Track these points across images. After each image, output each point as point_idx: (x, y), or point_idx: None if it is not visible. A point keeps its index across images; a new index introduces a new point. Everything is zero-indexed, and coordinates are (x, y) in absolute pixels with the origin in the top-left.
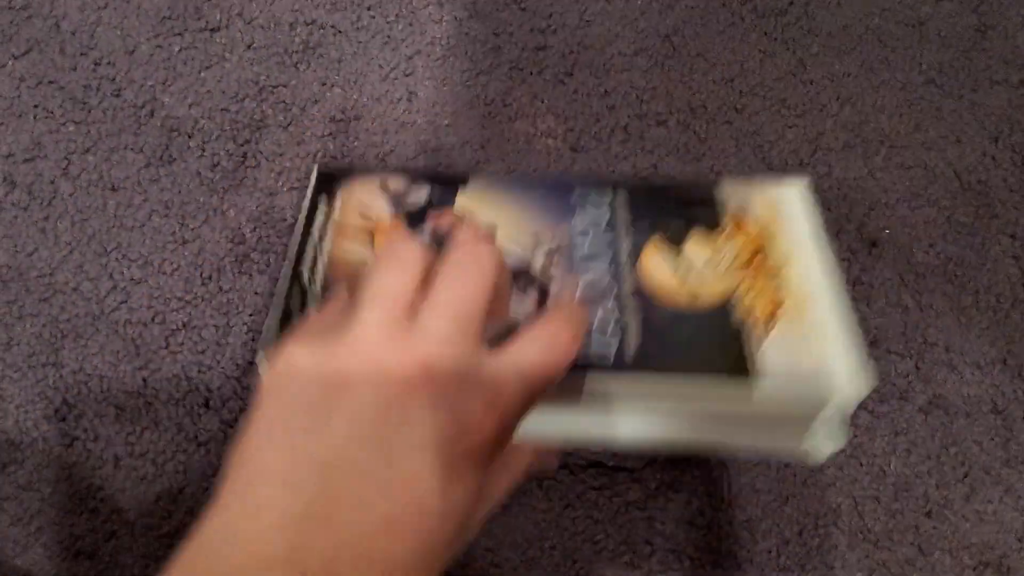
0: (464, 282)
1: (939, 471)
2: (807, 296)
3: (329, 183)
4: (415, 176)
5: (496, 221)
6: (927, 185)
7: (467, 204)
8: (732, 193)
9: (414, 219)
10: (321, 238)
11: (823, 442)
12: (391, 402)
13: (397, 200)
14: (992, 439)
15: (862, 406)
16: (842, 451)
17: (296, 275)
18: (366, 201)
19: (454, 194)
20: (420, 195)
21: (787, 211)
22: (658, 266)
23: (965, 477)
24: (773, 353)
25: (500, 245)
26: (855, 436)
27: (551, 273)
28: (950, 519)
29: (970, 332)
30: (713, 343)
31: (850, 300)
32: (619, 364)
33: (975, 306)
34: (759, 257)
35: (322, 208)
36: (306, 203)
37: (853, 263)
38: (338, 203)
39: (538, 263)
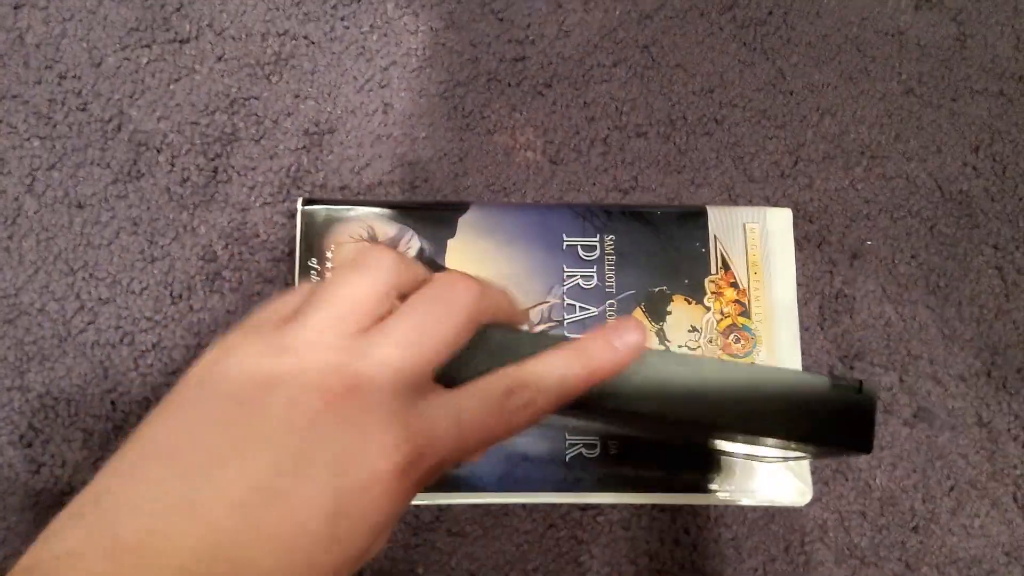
0: (430, 314)
1: (925, 485)
2: None
3: (314, 235)
4: (403, 212)
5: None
6: (908, 196)
7: (456, 264)
8: (717, 223)
9: None
10: None
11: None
12: (308, 415)
13: None
14: (977, 452)
15: None
16: (827, 467)
17: None
18: None
19: (444, 249)
20: (411, 248)
21: (772, 246)
22: None
23: (951, 491)
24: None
25: (482, 285)
26: None
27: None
28: (936, 534)
29: (954, 344)
30: (691, 458)
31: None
32: (603, 458)
33: (958, 317)
34: (736, 333)
35: (314, 279)
36: (296, 269)
37: (835, 275)
38: (328, 264)
39: None
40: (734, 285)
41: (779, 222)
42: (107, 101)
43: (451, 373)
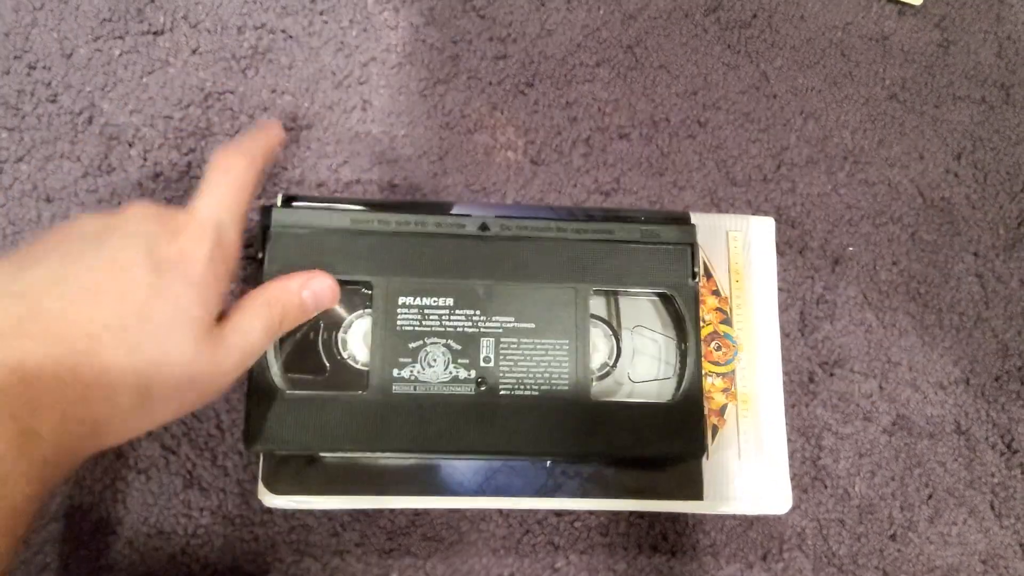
0: (218, 183)
1: (903, 493)
2: (754, 394)
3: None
4: (385, 212)
5: None
6: (890, 202)
7: None
8: (700, 230)
9: None
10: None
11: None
12: (140, 264)
13: None
14: (956, 460)
15: (826, 428)
16: (807, 474)
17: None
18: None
19: None
20: None
21: (755, 255)
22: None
23: (929, 499)
24: (718, 460)
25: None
26: (819, 458)
27: None
28: (914, 542)
29: (933, 351)
30: (673, 467)
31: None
32: (584, 463)
33: (938, 324)
34: (718, 341)
35: None
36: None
37: (816, 281)
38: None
39: None
40: (716, 293)
41: (761, 231)
42: (78, 93)
43: None
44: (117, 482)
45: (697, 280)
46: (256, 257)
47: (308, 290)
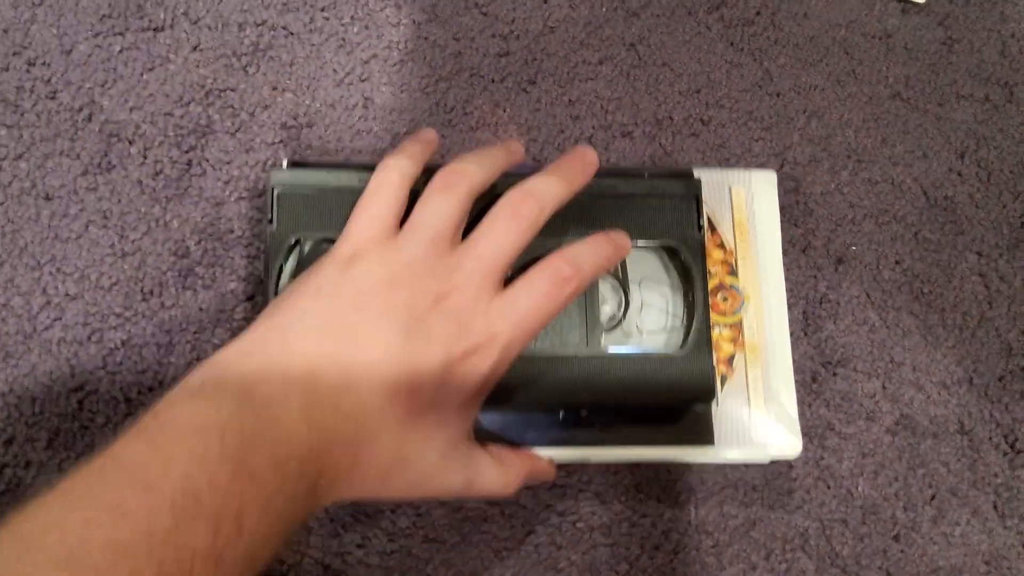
0: (506, 231)
1: (906, 493)
2: (762, 342)
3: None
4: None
5: None
6: (894, 201)
7: None
8: (704, 185)
9: None
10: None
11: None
12: (421, 308)
13: None
14: (959, 460)
15: (829, 427)
16: (809, 474)
17: None
18: None
19: None
20: None
21: (758, 207)
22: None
23: (932, 499)
24: (727, 408)
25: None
26: (822, 458)
27: None
28: (918, 542)
29: (936, 351)
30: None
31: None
32: (595, 415)
33: (942, 324)
34: (724, 292)
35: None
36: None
37: (819, 280)
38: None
39: None
40: (721, 246)
41: (764, 184)
42: (78, 90)
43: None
44: None
45: (702, 232)
46: (268, 220)
47: (518, 482)
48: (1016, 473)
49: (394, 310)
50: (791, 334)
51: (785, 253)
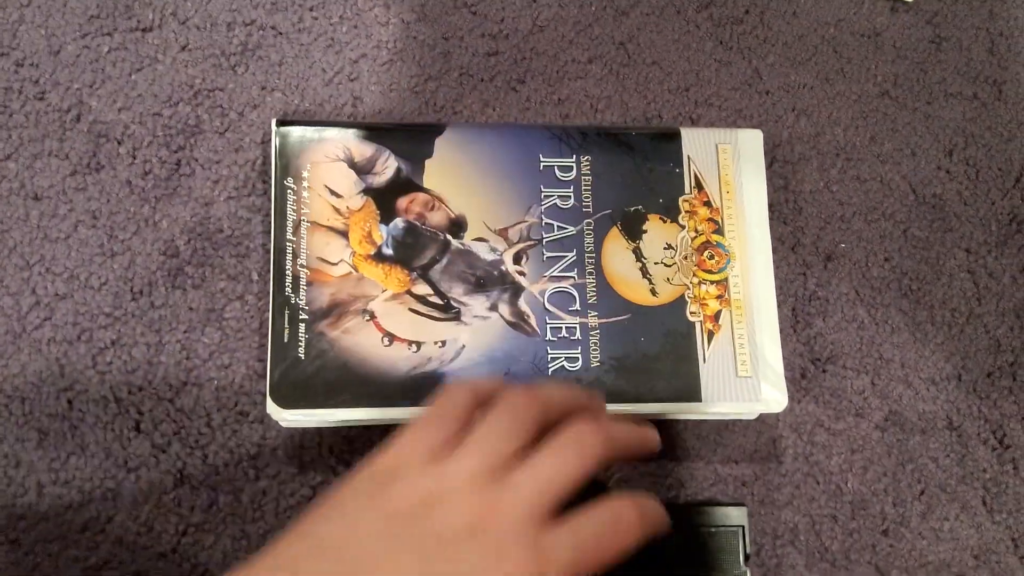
0: (564, 460)
1: (895, 489)
2: (748, 299)
3: (290, 155)
4: (379, 132)
5: (466, 212)
6: (883, 199)
7: (434, 184)
8: (691, 143)
9: (383, 199)
10: (297, 241)
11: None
12: (455, 534)
13: (365, 174)
14: (947, 456)
15: (818, 424)
16: (799, 470)
17: (280, 291)
18: (334, 178)
19: (422, 169)
20: (388, 168)
21: (744, 166)
22: (620, 260)
23: (921, 494)
24: (714, 363)
25: (607, 429)
26: (812, 454)
27: (523, 269)
28: (907, 537)
29: (925, 348)
30: (672, 371)
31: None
32: (584, 370)
33: (930, 321)
34: (710, 250)
35: (291, 198)
36: (273, 189)
37: (809, 277)
38: (305, 184)
39: (509, 264)
40: (707, 204)
41: (750, 142)
42: (66, 90)
43: None
44: (107, 480)
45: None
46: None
47: None
48: (1004, 468)
49: (420, 538)
50: (780, 331)
51: (774, 250)
